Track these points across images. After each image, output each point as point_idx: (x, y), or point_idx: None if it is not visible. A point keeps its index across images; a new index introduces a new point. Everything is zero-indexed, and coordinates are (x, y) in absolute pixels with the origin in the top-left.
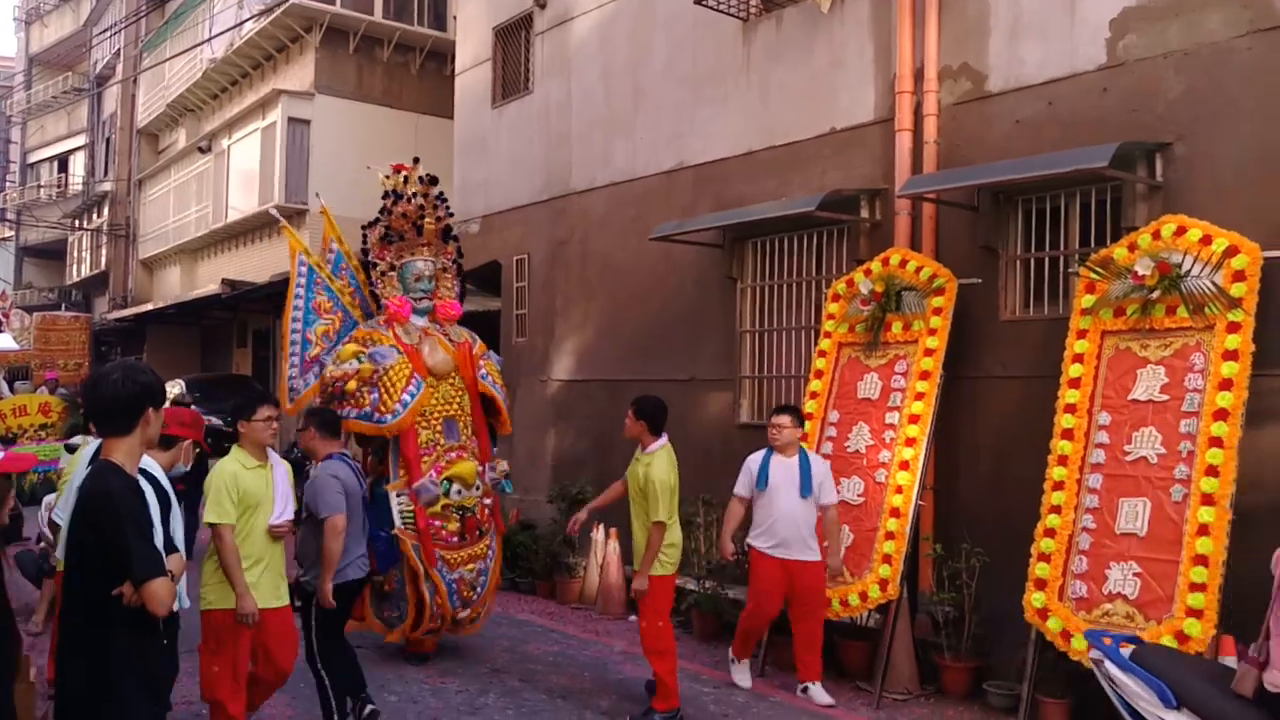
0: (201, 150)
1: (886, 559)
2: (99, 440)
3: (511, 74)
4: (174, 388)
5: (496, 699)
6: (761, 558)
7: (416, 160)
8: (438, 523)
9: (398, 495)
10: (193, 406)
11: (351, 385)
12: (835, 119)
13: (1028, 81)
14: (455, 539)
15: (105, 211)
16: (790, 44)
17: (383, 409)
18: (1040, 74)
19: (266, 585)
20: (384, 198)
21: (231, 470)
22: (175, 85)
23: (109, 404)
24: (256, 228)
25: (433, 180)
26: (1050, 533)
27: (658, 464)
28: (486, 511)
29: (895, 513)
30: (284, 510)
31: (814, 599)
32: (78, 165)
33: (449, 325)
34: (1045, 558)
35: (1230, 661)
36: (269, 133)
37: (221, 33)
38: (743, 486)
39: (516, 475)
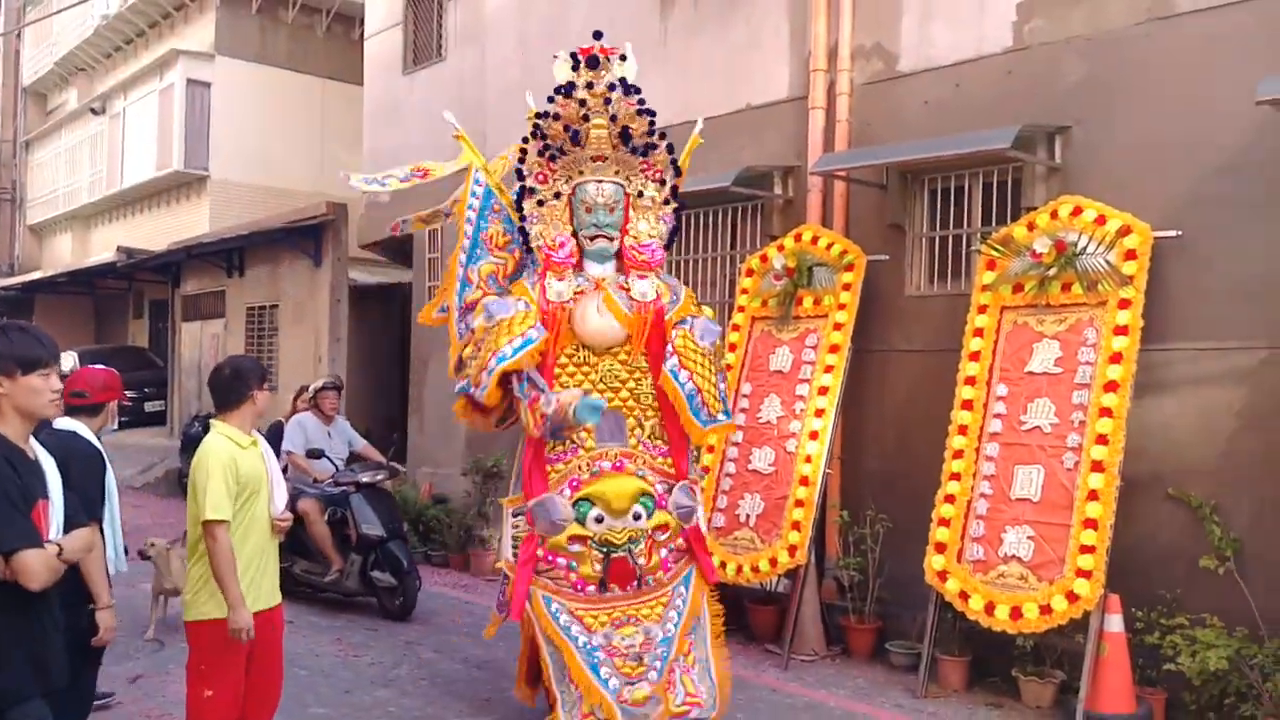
0: (95, 112)
1: (795, 526)
2: None
3: (424, 40)
4: (66, 360)
5: (410, 671)
6: None
7: (598, 35)
8: (561, 560)
9: (514, 514)
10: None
11: (467, 351)
12: (751, 95)
13: (937, 63)
14: (590, 588)
15: None
16: (708, 19)
17: (476, 374)
18: (949, 56)
19: (269, 584)
20: (551, 97)
21: (229, 453)
22: (64, 42)
23: None
24: (155, 193)
25: (621, 58)
26: (950, 499)
27: None
28: (666, 556)
29: (804, 481)
30: (280, 495)
31: None
32: None
33: (640, 275)
34: (945, 523)
35: (1115, 620)
36: (167, 95)
37: None
38: None
39: (428, 449)
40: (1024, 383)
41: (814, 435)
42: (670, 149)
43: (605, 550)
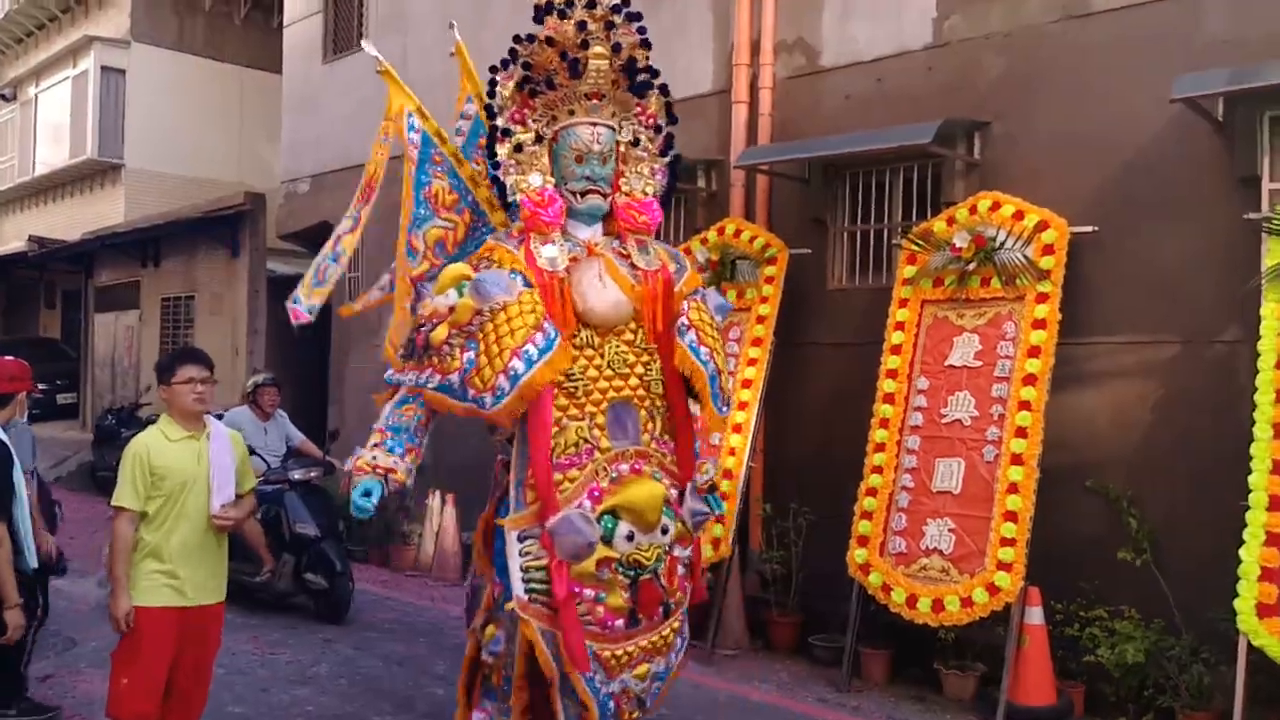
0: (5, 98)
1: (719, 519)
2: None
3: (344, 28)
4: None
5: (329, 668)
6: None
7: None
8: (589, 592)
9: (520, 537)
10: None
11: (439, 333)
12: (675, 88)
13: (858, 58)
14: (619, 622)
15: None
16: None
17: (478, 382)
18: (870, 51)
19: (201, 580)
20: (539, 17)
21: (145, 444)
22: None
23: None
24: (68, 182)
25: None
26: (872, 492)
27: None
28: (681, 573)
29: (728, 474)
30: (222, 491)
31: None
32: None
33: (638, 240)
34: (867, 515)
35: (1035, 613)
36: (80, 82)
37: None
38: None
39: (348, 442)
40: (944, 376)
41: (737, 428)
42: (665, 90)
43: (633, 574)
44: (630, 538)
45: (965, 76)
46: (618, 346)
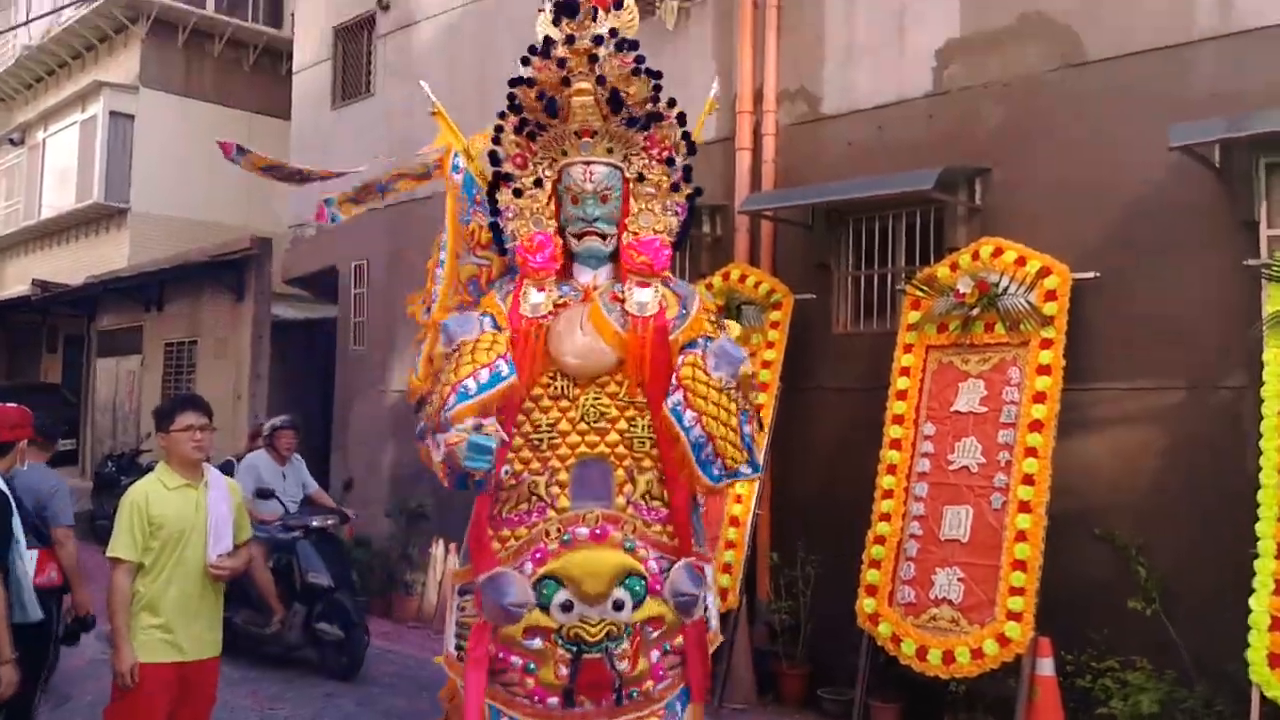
0: (13, 142)
1: (726, 568)
2: None
3: (352, 75)
4: None
5: None
6: None
7: None
8: (515, 659)
9: (460, 591)
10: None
11: (427, 384)
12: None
13: (859, 106)
14: (552, 699)
15: None
16: None
17: (427, 415)
18: (871, 99)
19: (197, 633)
20: (524, 61)
21: (143, 492)
22: None
23: None
24: (74, 226)
25: (617, 5)
26: (880, 540)
27: None
28: (659, 660)
29: (734, 522)
30: (220, 541)
31: None
32: None
33: (641, 282)
34: (876, 564)
35: (1046, 664)
36: (88, 126)
37: (38, 17)
38: None
39: (365, 492)
40: (950, 422)
41: None
42: (682, 119)
43: (574, 649)
44: (568, 608)
45: (965, 124)
46: (596, 398)
